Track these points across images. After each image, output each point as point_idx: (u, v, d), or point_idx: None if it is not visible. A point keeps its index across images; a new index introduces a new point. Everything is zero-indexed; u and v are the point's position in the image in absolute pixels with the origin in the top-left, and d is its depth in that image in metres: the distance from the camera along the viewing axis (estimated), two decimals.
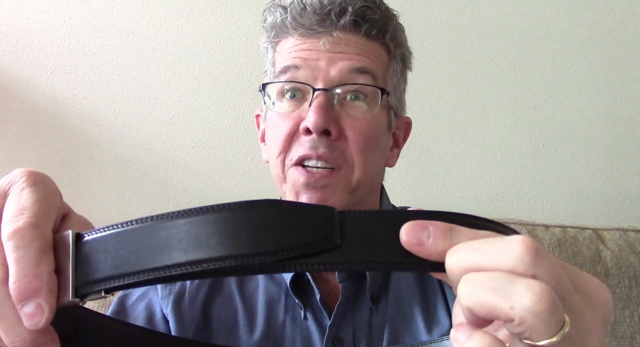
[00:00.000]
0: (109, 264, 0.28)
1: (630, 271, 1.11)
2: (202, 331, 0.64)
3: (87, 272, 0.28)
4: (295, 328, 0.63)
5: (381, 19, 0.64)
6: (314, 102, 0.60)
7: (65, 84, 1.26)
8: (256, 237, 0.27)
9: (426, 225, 0.28)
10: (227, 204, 0.28)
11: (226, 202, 0.28)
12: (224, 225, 0.27)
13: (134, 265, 0.27)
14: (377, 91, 0.62)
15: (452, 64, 1.36)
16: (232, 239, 0.27)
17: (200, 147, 1.29)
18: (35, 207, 0.29)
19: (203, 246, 0.27)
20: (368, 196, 0.66)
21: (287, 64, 0.63)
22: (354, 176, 0.62)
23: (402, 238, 0.28)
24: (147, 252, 0.28)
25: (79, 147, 1.26)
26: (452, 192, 1.36)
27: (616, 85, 1.39)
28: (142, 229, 0.28)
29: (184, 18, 1.29)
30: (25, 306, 0.27)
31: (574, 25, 1.38)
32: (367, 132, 0.62)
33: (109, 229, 0.29)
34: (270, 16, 0.66)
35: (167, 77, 1.29)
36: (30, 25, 1.25)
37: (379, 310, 0.64)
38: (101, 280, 0.28)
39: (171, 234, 0.28)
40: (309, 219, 0.28)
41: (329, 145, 0.60)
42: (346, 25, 0.62)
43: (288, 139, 0.62)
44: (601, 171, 1.39)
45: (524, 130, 1.38)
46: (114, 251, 0.28)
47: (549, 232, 1.14)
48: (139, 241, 0.28)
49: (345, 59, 0.61)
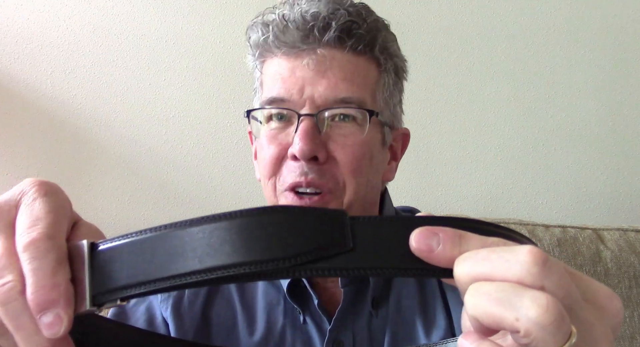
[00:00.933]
0: (124, 273, 0.28)
1: (630, 271, 1.11)
2: (201, 334, 0.64)
3: (103, 281, 0.29)
4: (295, 332, 0.63)
5: (368, 33, 0.62)
6: (299, 127, 0.59)
7: (65, 84, 1.26)
8: (269, 243, 0.27)
9: (436, 231, 0.28)
10: (239, 211, 0.28)
11: (238, 208, 0.29)
12: (237, 232, 0.28)
13: (149, 274, 0.28)
14: (366, 113, 0.61)
15: (452, 64, 1.36)
16: (245, 245, 0.27)
17: (200, 147, 1.29)
18: (49, 218, 0.30)
19: (217, 253, 0.27)
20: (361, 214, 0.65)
21: (272, 95, 0.61)
22: (346, 197, 0.61)
23: (411, 244, 0.28)
24: (162, 261, 0.28)
25: (79, 147, 1.26)
26: (452, 192, 1.36)
27: (616, 85, 1.39)
28: (156, 238, 0.29)
29: (184, 18, 1.29)
30: (44, 316, 0.28)
31: (574, 25, 1.38)
32: (358, 153, 0.61)
33: (123, 238, 0.29)
34: (253, 34, 0.65)
35: (167, 77, 1.29)
36: (30, 25, 1.25)
37: (379, 314, 0.64)
38: (117, 289, 0.28)
39: (185, 242, 0.28)
40: (320, 223, 0.28)
41: (318, 171, 0.59)
42: (330, 41, 0.60)
43: (277, 162, 0.61)
44: (601, 171, 1.39)
45: (524, 131, 1.38)
46: (129, 259, 0.29)
47: (549, 232, 1.14)
48: (153, 249, 0.28)
49: (329, 87, 0.60)
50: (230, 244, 0.27)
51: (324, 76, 0.60)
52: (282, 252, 0.27)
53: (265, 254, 0.27)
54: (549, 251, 1.11)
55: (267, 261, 0.27)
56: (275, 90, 0.61)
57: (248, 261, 0.27)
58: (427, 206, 1.34)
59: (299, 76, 0.60)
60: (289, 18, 0.61)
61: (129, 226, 1.25)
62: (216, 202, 1.29)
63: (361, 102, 0.61)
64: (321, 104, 0.60)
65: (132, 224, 1.26)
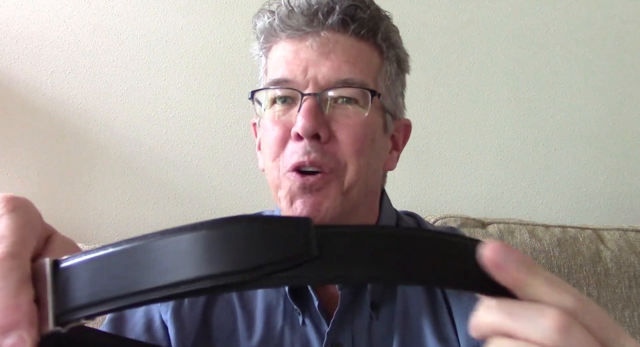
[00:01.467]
0: (87, 291, 0.28)
1: (630, 271, 1.11)
2: (202, 338, 0.63)
3: (66, 300, 0.28)
4: (294, 334, 0.63)
5: (371, 19, 0.63)
6: (302, 106, 0.60)
7: (65, 84, 1.26)
8: (234, 255, 0.27)
9: (512, 250, 0.30)
10: (202, 223, 0.28)
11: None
12: (201, 244, 0.27)
13: (111, 291, 0.27)
14: (367, 93, 0.62)
15: (452, 64, 1.36)
16: (209, 258, 0.27)
17: (200, 147, 1.29)
18: (14, 236, 0.29)
19: (182, 266, 0.27)
20: (364, 200, 0.65)
21: (276, 76, 0.62)
22: (347, 177, 0.61)
23: (485, 254, 0.29)
24: (125, 277, 0.27)
25: (79, 147, 1.26)
26: (452, 192, 1.36)
27: (616, 85, 1.39)
28: (119, 253, 0.28)
29: (184, 18, 1.29)
30: (6, 338, 0.27)
31: (574, 25, 1.38)
32: (360, 133, 0.61)
33: (85, 254, 0.28)
34: (259, 21, 0.66)
35: (167, 77, 1.29)
36: (30, 25, 1.25)
37: (380, 317, 0.64)
38: (80, 308, 0.28)
39: (149, 256, 0.27)
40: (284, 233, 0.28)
41: (320, 150, 0.60)
42: (334, 24, 0.61)
43: (280, 143, 0.62)
44: (601, 171, 1.39)
45: (524, 131, 1.38)
46: (91, 276, 0.28)
47: (549, 232, 1.14)
48: (116, 265, 0.28)
49: (332, 68, 0.61)
50: (195, 257, 0.27)
51: (328, 58, 0.61)
52: (247, 263, 0.27)
53: (230, 266, 0.27)
54: (549, 251, 1.11)
55: (233, 272, 0.27)
56: (280, 72, 0.62)
57: (213, 273, 0.27)
58: (427, 206, 1.34)
59: (303, 58, 0.62)
60: (294, 3, 0.62)
61: (129, 226, 1.25)
62: (216, 202, 1.29)
63: (363, 83, 0.62)
64: (324, 85, 0.61)
65: (132, 224, 1.26)
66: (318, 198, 0.60)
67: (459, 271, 0.30)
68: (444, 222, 1.16)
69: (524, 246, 1.11)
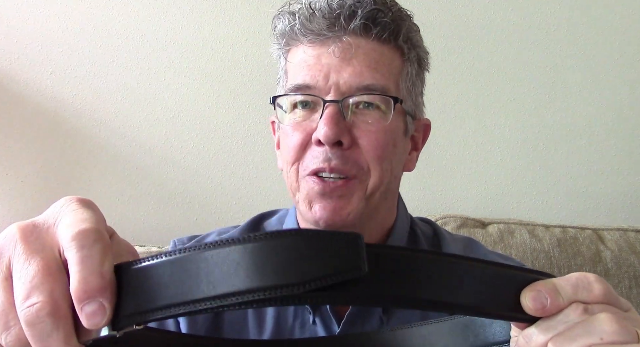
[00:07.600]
0: (144, 298, 0.28)
1: (630, 271, 1.11)
2: (213, 333, 0.64)
3: (120, 306, 0.29)
4: (304, 332, 0.63)
5: (393, 22, 0.63)
6: (324, 113, 0.60)
7: (65, 84, 1.26)
8: (282, 268, 0.27)
9: (539, 289, 0.34)
10: (252, 235, 0.28)
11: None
12: (250, 257, 0.27)
13: (161, 300, 0.28)
14: (390, 100, 0.62)
15: (452, 64, 1.36)
16: (259, 271, 0.27)
17: (200, 147, 1.29)
18: (94, 218, 0.31)
19: (231, 278, 0.27)
20: (383, 202, 0.65)
21: (298, 82, 0.62)
22: (370, 182, 0.61)
23: (527, 305, 0.33)
24: (176, 286, 0.28)
25: (79, 147, 1.26)
26: (452, 192, 1.36)
27: (616, 85, 1.39)
28: (170, 263, 0.28)
29: (184, 18, 1.29)
30: (87, 305, 0.28)
31: (574, 25, 1.38)
32: (382, 139, 0.61)
33: (141, 262, 0.29)
34: (279, 23, 0.65)
35: (167, 77, 1.29)
36: (30, 25, 1.25)
37: (390, 321, 0.64)
38: (133, 314, 0.28)
39: (200, 267, 0.28)
40: (334, 247, 0.28)
41: (342, 156, 0.60)
42: (356, 29, 0.61)
43: (301, 149, 0.62)
44: (601, 171, 1.39)
45: (524, 131, 1.38)
46: (142, 285, 0.28)
47: (549, 232, 1.14)
48: (169, 274, 0.28)
49: (354, 74, 0.60)
50: (244, 269, 0.27)
51: (349, 63, 0.61)
52: (295, 277, 0.27)
53: (279, 279, 0.27)
54: (549, 251, 1.11)
55: (282, 286, 0.27)
56: (301, 77, 0.62)
57: (262, 286, 0.27)
58: (427, 206, 1.34)
59: (325, 63, 0.61)
60: (315, 6, 0.62)
61: (129, 226, 1.25)
62: (216, 202, 1.29)
63: (385, 89, 0.62)
64: (346, 91, 0.61)
65: (132, 224, 1.26)
66: (340, 203, 0.60)
67: (503, 303, 0.33)
68: (444, 222, 1.16)
69: (524, 246, 1.11)
